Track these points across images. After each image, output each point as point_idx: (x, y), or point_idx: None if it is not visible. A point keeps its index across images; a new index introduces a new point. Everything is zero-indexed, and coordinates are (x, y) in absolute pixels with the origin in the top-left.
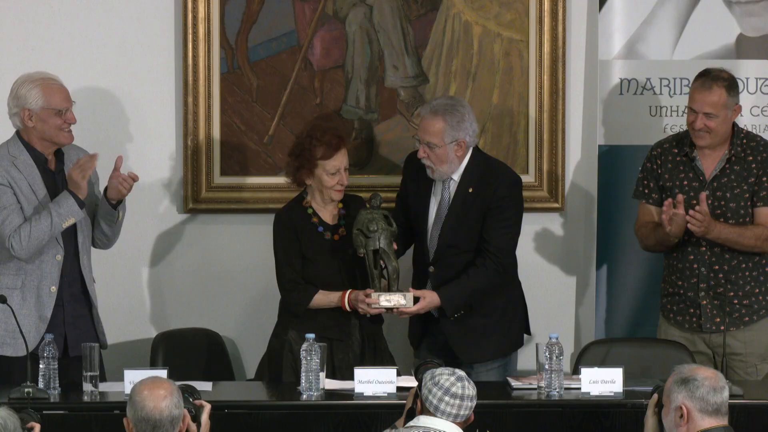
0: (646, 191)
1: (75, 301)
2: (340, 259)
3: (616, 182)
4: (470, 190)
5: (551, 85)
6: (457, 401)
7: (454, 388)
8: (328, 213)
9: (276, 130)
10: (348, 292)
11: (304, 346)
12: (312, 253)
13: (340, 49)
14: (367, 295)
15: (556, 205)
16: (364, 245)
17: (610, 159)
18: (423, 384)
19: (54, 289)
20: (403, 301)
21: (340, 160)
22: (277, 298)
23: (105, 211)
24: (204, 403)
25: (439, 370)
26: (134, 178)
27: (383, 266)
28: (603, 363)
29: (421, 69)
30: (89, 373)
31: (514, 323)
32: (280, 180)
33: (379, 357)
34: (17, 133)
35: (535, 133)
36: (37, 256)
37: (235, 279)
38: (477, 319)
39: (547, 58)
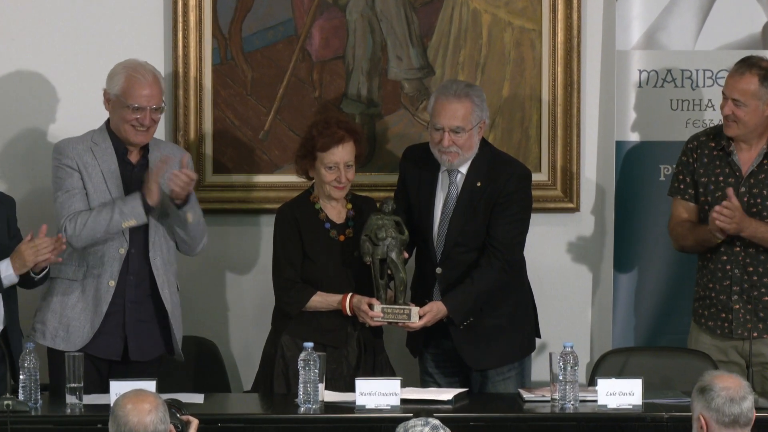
0: (682, 187)
1: (140, 303)
2: (344, 261)
3: (634, 180)
4: (478, 184)
5: (565, 77)
6: None
7: None
8: (335, 212)
9: (272, 125)
10: (350, 295)
11: (302, 355)
12: (314, 252)
13: (340, 39)
14: (370, 306)
15: (570, 204)
16: (371, 253)
17: (628, 156)
18: None
19: (113, 283)
20: (407, 317)
21: (340, 155)
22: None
23: (171, 211)
24: (191, 418)
25: (411, 422)
26: (190, 176)
27: (390, 276)
28: (621, 374)
29: (427, 60)
30: (72, 385)
31: (526, 325)
32: (277, 178)
33: (378, 371)
34: (107, 120)
35: (548, 128)
36: (100, 248)
37: (229, 284)
38: (486, 322)
39: (561, 49)
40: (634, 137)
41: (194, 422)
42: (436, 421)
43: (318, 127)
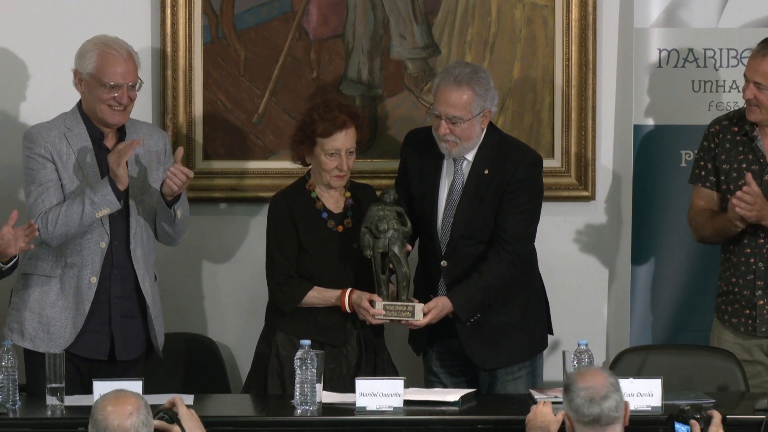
0: (703, 174)
1: (126, 298)
2: (343, 253)
3: (653, 166)
4: (486, 172)
5: (580, 56)
6: None
7: None
8: (332, 200)
9: (266, 108)
10: (349, 290)
11: (299, 353)
12: (310, 244)
13: (339, 16)
14: (371, 303)
15: (585, 193)
16: (372, 246)
17: (647, 140)
18: None
19: (94, 280)
20: (411, 314)
21: (342, 141)
22: None
23: (161, 208)
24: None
25: None
26: (187, 174)
27: (392, 271)
28: (639, 373)
29: (432, 39)
30: (53, 385)
31: (537, 321)
32: (272, 164)
33: (380, 371)
34: (79, 102)
35: (562, 111)
36: (78, 241)
37: (222, 278)
38: (495, 319)
39: (575, 26)
40: (652, 121)
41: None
42: None
43: (319, 110)
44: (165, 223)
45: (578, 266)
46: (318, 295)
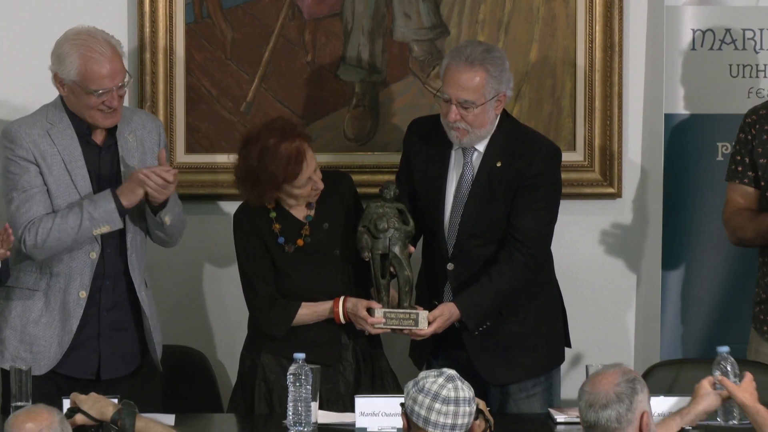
0: (740, 169)
1: (118, 310)
2: (319, 267)
3: (686, 161)
4: (498, 165)
5: (605, 37)
6: (452, 407)
7: (444, 391)
8: (301, 211)
9: (256, 95)
10: (343, 299)
11: (292, 368)
12: (280, 264)
13: None
14: (370, 311)
15: (610, 190)
16: (371, 247)
17: (679, 131)
18: (406, 394)
19: (84, 294)
20: (414, 322)
21: (309, 170)
22: None
23: (147, 213)
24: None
25: (423, 373)
26: (165, 178)
27: (392, 275)
28: (671, 390)
29: (440, 18)
30: (18, 404)
31: (553, 332)
32: None
33: (379, 383)
34: (61, 95)
35: (585, 98)
36: (66, 252)
37: (208, 283)
38: (507, 328)
39: (599, 4)
40: (686, 109)
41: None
42: (452, 371)
43: (267, 156)
44: (156, 230)
45: (602, 271)
46: (308, 312)
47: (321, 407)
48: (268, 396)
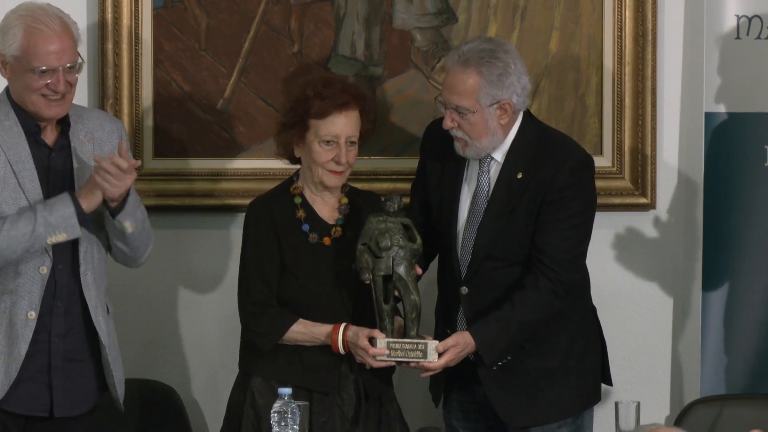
0: None
1: (72, 338)
2: (335, 275)
3: (729, 166)
4: (519, 176)
5: (635, 25)
6: None
7: None
8: (326, 207)
9: (234, 91)
10: (344, 326)
11: (276, 405)
12: (294, 263)
13: None
14: (371, 341)
15: (643, 200)
16: (372, 268)
17: (721, 132)
18: None
19: (33, 315)
20: (422, 354)
21: (341, 126)
22: None
23: (106, 218)
24: None
25: None
26: (120, 165)
27: (397, 299)
28: (713, 430)
29: (446, 2)
30: None
31: (587, 368)
32: (244, 163)
33: (384, 427)
34: (7, 88)
35: (613, 95)
36: (12, 267)
37: (183, 307)
38: (530, 363)
39: None
40: (729, 108)
41: None
42: None
43: (315, 85)
44: (116, 239)
45: (633, 294)
46: (303, 330)
47: None
48: (256, 424)
